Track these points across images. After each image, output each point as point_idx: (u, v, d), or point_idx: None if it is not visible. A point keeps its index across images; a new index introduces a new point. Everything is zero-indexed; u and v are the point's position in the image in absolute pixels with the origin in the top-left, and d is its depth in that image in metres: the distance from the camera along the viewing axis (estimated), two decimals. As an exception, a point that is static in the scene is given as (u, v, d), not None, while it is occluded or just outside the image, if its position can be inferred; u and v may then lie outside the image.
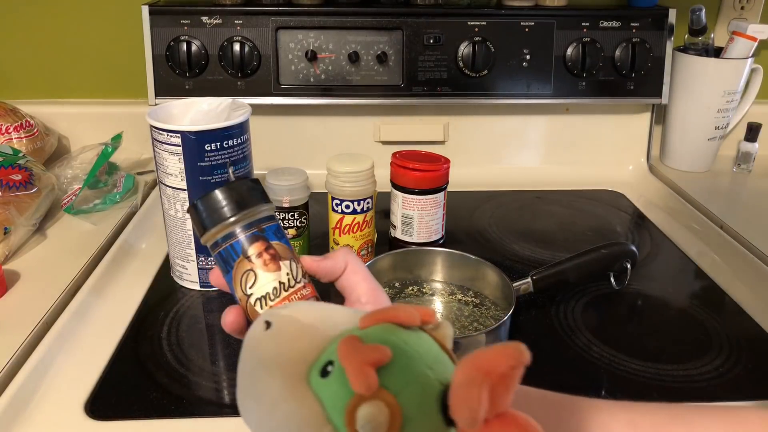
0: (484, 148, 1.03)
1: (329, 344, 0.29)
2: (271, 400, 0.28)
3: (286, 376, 0.28)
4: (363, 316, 0.29)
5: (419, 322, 0.29)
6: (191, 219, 0.38)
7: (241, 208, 0.37)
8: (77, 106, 1.03)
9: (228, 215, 0.36)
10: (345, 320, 0.31)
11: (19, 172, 0.78)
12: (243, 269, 0.36)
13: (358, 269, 0.39)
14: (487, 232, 0.85)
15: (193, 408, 0.53)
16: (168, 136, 0.63)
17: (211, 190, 0.37)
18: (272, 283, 0.36)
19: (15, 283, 0.68)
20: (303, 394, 0.27)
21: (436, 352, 0.28)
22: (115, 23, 1.00)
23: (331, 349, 0.28)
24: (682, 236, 0.85)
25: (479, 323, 0.61)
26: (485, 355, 0.24)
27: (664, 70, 0.97)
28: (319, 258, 0.39)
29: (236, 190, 0.37)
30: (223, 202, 0.37)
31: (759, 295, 0.70)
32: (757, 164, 1.03)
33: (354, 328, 0.30)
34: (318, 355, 0.28)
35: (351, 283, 0.38)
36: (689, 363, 0.59)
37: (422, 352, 0.27)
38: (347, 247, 0.40)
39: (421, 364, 0.27)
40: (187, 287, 0.70)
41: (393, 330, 0.28)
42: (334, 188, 0.69)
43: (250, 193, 0.38)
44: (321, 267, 0.38)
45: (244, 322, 0.37)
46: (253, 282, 0.36)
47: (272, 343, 0.30)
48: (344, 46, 0.92)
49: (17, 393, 0.52)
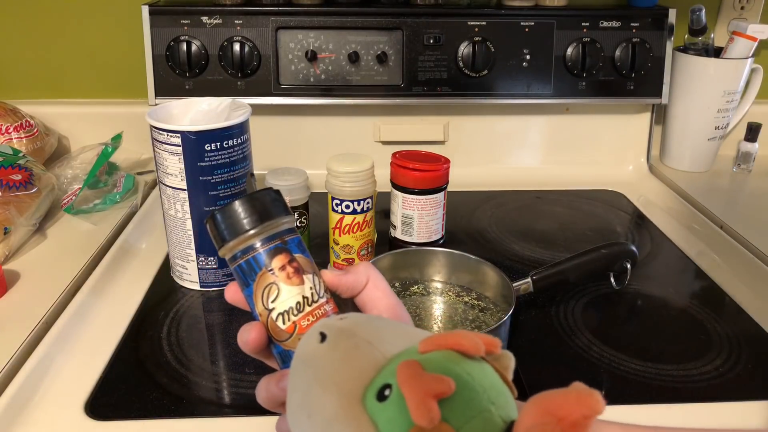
0: (484, 148, 1.03)
1: (386, 365, 0.28)
2: (326, 419, 0.27)
3: (342, 394, 0.27)
4: (423, 340, 0.28)
5: (483, 353, 0.27)
6: (209, 231, 0.37)
7: (263, 220, 0.35)
8: (77, 106, 1.03)
9: (249, 227, 0.35)
10: (400, 339, 0.30)
11: (19, 172, 0.78)
12: (265, 283, 0.35)
13: (379, 284, 0.38)
14: (487, 232, 0.85)
15: (193, 408, 0.53)
16: (168, 136, 0.63)
17: (231, 201, 0.35)
18: (296, 297, 0.35)
19: (15, 283, 0.68)
20: (358, 416, 0.26)
21: (499, 386, 0.27)
22: (115, 23, 1.00)
23: (388, 371, 0.27)
24: (682, 236, 0.85)
25: (479, 323, 0.61)
26: (557, 399, 0.23)
27: (664, 70, 0.97)
28: (340, 272, 0.37)
29: (258, 201, 0.36)
30: (244, 213, 0.35)
31: (759, 295, 0.70)
32: (757, 164, 1.03)
33: (412, 349, 0.28)
34: (374, 375, 0.27)
35: (372, 299, 0.37)
36: (689, 363, 0.59)
37: (486, 385, 0.26)
38: (367, 262, 0.39)
39: (484, 398, 0.26)
40: (187, 287, 0.70)
41: (456, 359, 0.27)
42: (334, 188, 0.69)
43: (272, 204, 0.36)
44: (343, 282, 0.37)
45: (265, 339, 0.35)
46: (275, 296, 0.35)
47: (328, 358, 0.29)
48: (344, 46, 0.92)
49: (17, 393, 0.52)
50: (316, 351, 0.30)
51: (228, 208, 0.36)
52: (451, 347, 0.27)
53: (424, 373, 0.25)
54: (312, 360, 0.29)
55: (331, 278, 0.37)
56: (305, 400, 0.29)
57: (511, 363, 0.29)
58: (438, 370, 0.26)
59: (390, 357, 0.28)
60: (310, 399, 0.28)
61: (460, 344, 0.27)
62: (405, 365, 0.26)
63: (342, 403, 0.27)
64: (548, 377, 0.57)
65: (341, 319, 0.31)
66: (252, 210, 0.35)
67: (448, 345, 0.27)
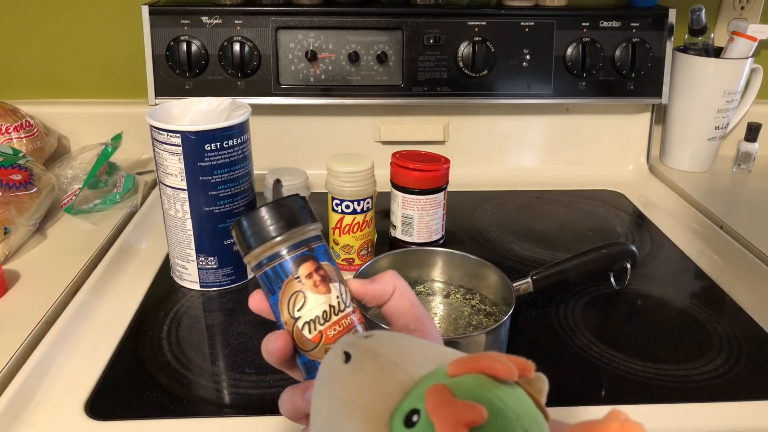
0: (484, 148, 1.03)
1: (414, 388, 0.27)
2: None
3: (368, 419, 0.26)
4: (453, 362, 0.27)
5: (516, 377, 0.26)
6: (235, 237, 0.36)
7: (290, 227, 0.35)
8: (77, 106, 1.03)
9: (275, 234, 0.34)
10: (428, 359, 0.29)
11: (19, 172, 0.78)
12: (291, 290, 0.34)
13: (406, 294, 0.37)
14: (487, 232, 0.85)
15: (193, 408, 0.53)
16: (168, 136, 0.63)
17: (257, 208, 0.35)
18: (322, 306, 0.34)
19: (15, 283, 0.68)
20: None
21: (533, 413, 0.26)
22: (115, 23, 1.00)
23: (416, 395, 0.26)
24: (682, 236, 0.85)
25: (479, 323, 0.61)
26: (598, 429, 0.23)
27: (664, 70, 0.97)
28: (367, 281, 0.36)
29: (285, 208, 0.35)
30: (271, 220, 0.35)
31: (759, 295, 0.70)
32: (757, 164, 1.03)
33: (441, 371, 0.27)
34: (401, 399, 0.26)
35: (399, 309, 0.36)
36: (689, 363, 0.59)
37: (519, 412, 0.25)
38: (394, 271, 0.38)
39: (518, 426, 0.25)
40: (187, 287, 0.70)
41: (487, 384, 0.25)
42: (334, 188, 0.69)
43: (299, 211, 0.36)
44: (369, 291, 0.36)
45: (291, 348, 0.34)
46: (302, 304, 0.34)
47: (353, 381, 0.28)
48: (344, 46, 0.92)
49: (17, 393, 0.52)
50: (341, 372, 0.29)
51: (254, 215, 0.35)
52: (482, 371, 0.26)
53: (455, 401, 0.24)
54: (336, 382, 0.29)
55: (358, 287, 0.36)
56: (330, 425, 0.28)
57: (545, 386, 0.27)
58: (469, 397, 0.25)
59: (417, 379, 0.27)
60: (334, 423, 0.27)
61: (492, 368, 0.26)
62: (434, 391, 0.25)
63: (367, 428, 0.26)
64: (548, 377, 0.57)
65: (366, 337, 0.30)
66: (279, 216, 0.35)
67: (480, 368, 0.26)
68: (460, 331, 0.60)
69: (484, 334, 0.55)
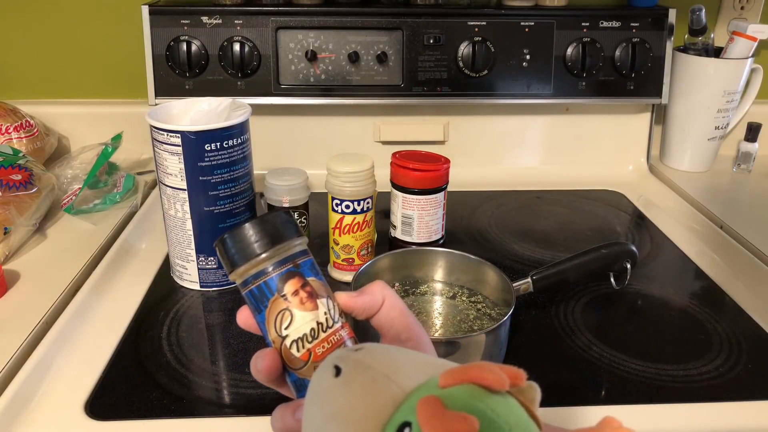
0: (484, 148, 1.03)
1: (405, 399, 0.27)
2: None
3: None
4: (444, 374, 0.27)
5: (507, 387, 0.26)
6: (219, 255, 0.35)
7: (275, 243, 0.34)
8: (77, 106, 1.03)
9: (260, 251, 0.34)
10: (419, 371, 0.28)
11: (19, 172, 0.78)
12: (278, 309, 0.34)
13: (396, 304, 0.36)
14: (487, 232, 0.85)
15: (193, 408, 0.53)
16: (168, 136, 0.63)
17: (240, 224, 0.34)
18: (310, 323, 0.34)
19: (15, 283, 0.68)
20: None
21: (525, 422, 0.26)
22: (115, 23, 1.00)
23: (407, 407, 0.26)
24: (682, 236, 0.85)
25: (479, 323, 0.61)
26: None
27: (664, 70, 0.97)
28: (355, 294, 0.36)
29: (268, 224, 0.34)
30: (255, 236, 0.34)
31: (759, 295, 0.70)
32: (757, 164, 1.03)
33: (432, 383, 0.27)
34: (392, 411, 0.26)
35: (389, 319, 0.36)
36: (689, 363, 0.59)
37: (511, 422, 0.25)
38: (382, 281, 0.38)
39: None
40: (187, 287, 0.70)
41: (479, 395, 0.25)
42: (334, 188, 0.69)
43: (283, 226, 0.35)
44: (359, 304, 0.36)
45: (280, 367, 0.34)
46: (289, 323, 0.34)
47: (343, 394, 0.28)
48: (344, 46, 0.92)
49: (17, 393, 0.52)
50: (332, 386, 0.28)
51: (238, 232, 0.34)
52: (473, 381, 0.26)
53: (446, 412, 0.24)
54: (327, 396, 0.28)
55: (346, 300, 0.36)
56: None
57: (537, 395, 0.27)
58: (461, 408, 0.25)
59: (409, 391, 0.27)
60: None
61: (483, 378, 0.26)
62: (425, 402, 0.24)
63: None
64: (548, 377, 0.57)
65: (356, 350, 0.30)
66: (263, 233, 0.34)
67: (471, 379, 0.26)
68: (460, 331, 0.60)
69: (484, 335, 0.55)
